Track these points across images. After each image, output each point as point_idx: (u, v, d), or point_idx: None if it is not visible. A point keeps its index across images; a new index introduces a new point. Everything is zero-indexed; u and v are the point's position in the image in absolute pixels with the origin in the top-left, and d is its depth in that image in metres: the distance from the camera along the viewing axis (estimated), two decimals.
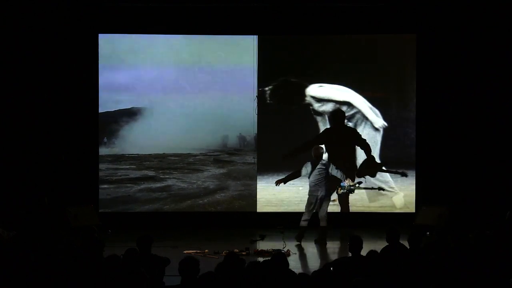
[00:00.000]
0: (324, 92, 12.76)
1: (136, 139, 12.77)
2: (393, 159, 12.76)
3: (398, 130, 12.83)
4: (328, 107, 12.79)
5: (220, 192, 12.78)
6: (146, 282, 5.48)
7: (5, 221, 10.28)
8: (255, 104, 12.68)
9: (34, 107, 12.27)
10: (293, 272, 6.30)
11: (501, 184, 12.01)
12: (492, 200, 11.80)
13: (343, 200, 12.58)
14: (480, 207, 11.85)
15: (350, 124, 12.79)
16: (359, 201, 12.72)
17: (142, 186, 12.78)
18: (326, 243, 11.06)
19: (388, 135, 12.77)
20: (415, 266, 6.46)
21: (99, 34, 12.56)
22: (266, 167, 12.74)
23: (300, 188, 12.50)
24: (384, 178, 12.73)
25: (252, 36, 12.71)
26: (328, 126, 12.79)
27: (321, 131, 12.79)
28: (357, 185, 11.45)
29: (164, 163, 12.83)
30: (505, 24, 12.18)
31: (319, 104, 12.78)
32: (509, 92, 12.30)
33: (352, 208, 12.72)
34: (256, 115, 12.67)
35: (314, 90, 12.76)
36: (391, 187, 12.72)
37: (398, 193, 12.72)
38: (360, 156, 12.76)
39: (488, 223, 9.96)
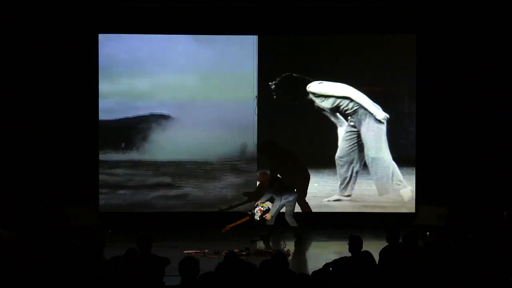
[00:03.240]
0: (323, 88, 12.77)
1: (153, 145, 12.68)
2: (393, 158, 12.77)
3: (398, 130, 12.84)
4: (329, 102, 12.79)
5: (238, 201, 12.68)
6: (146, 282, 5.48)
7: (5, 221, 10.28)
8: (255, 104, 12.68)
9: (34, 108, 12.28)
10: (293, 272, 6.30)
11: (501, 184, 12.02)
12: (492, 200, 11.80)
13: (303, 200, 12.66)
14: (480, 207, 11.85)
15: (354, 121, 12.79)
16: (372, 196, 12.74)
17: (159, 193, 12.73)
18: (301, 242, 11.08)
19: (388, 135, 12.78)
20: (415, 266, 6.46)
21: (99, 34, 12.55)
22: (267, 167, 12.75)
23: (315, 184, 12.68)
24: (393, 171, 12.73)
25: (252, 36, 12.71)
26: (342, 118, 12.79)
27: (337, 124, 12.79)
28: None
29: (181, 170, 12.73)
30: (505, 24, 12.18)
31: (320, 100, 12.78)
32: (509, 92, 12.30)
33: (360, 205, 12.75)
34: (256, 115, 12.66)
35: (313, 86, 12.78)
36: (399, 181, 12.74)
37: (406, 186, 12.75)
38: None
39: (488, 223, 9.96)
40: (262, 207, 11.06)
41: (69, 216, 11.49)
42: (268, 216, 11.05)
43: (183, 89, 12.73)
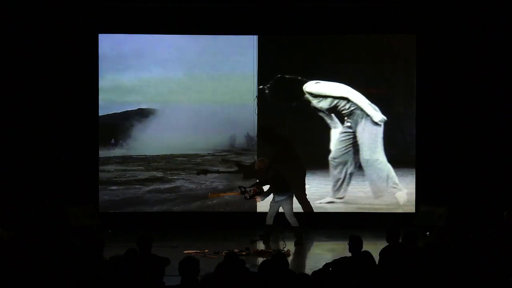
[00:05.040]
0: (321, 88, 12.76)
1: (144, 140, 12.75)
2: (393, 158, 12.77)
3: (398, 130, 12.84)
4: (326, 103, 12.78)
5: (229, 192, 12.75)
6: (146, 282, 5.48)
7: (5, 221, 10.28)
8: (255, 104, 12.68)
9: (33, 107, 12.28)
10: (293, 272, 6.30)
11: (501, 184, 12.01)
12: (492, 200, 11.79)
13: (304, 200, 12.69)
14: (480, 207, 11.85)
15: (351, 121, 12.78)
16: (366, 198, 12.74)
17: (151, 187, 12.78)
18: (301, 242, 11.06)
19: (388, 135, 12.78)
20: (415, 266, 6.46)
21: (99, 34, 12.57)
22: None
23: (307, 186, 12.71)
24: (388, 173, 12.73)
25: (252, 36, 12.72)
26: (337, 120, 12.78)
27: (331, 126, 12.79)
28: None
29: (172, 164, 12.81)
30: (504, 24, 12.18)
31: (317, 100, 12.78)
32: (509, 92, 12.30)
33: (359, 206, 12.75)
34: (256, 115, 12.66)
35: (310, 86, 12.77)
36: (394, 184, 12.73)
37: (401, 189, 12.73)
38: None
39: (488, 223, 9.96)
40: (257, 188, 11.17)
41: (69, 216, 11.49)
42: (258, 198, 11.20)
43: (183, 89, 12.76)
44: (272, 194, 11.18)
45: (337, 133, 12.80)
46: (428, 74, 12.56)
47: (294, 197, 11.38)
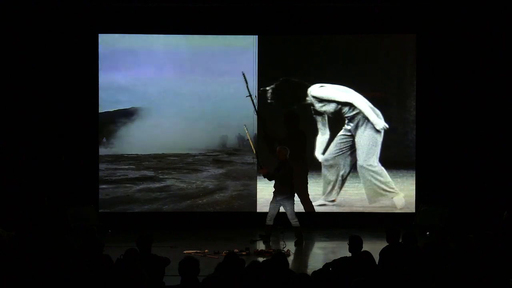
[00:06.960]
0: (326, 92, 12.76)
1: (135, 139, 12.77)
2: (393, 159, 12.76)
3: (398, 130, 12.84)
4: (330, 107, 12.79)
5: (219, 192, 12.79)
6: (146, 282, 5.48)
7: (5, 221, 10.29)
8: (254, 104, 12.66)
9: (34, 107, 12.28)
10: (293, 272, 6.30)
11: (501, 184, 12.01)
12: (492, 200, 11.79)
13: (306, 200, 12.68)
14: (480, 207, 11.85)
15: (351, 125, 12.78)
16: (359, 201, 12.73)
17: (141, 186, 12.80)
18: (301, 242, 11.05)
19: (388, 135, 12.77)
20: (415, 266, 6.46)
21: (99, 34, 12.57)
22: (266, 167, 12.74)
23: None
24: (384, 178, 12.73)
25: (252, 36, 12.72)
26: (328, 126, 12.79)
27: (320, 131, 12.78)
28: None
29: (163, 163, 12.85)
30: (505, 24, 12.18)
31: (321, 104, 12.78)
32: (509, 92, 12.30)
33: (352, 209, 12.74)
34: (256, 115, 12.66)
35: (316, 90, 12.76)
36: (391, 188, 12.72)
37: (398, 193, 12.71)
38: None
39: (488, 223, 9.97)
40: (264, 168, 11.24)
41: (69, 216, 11.49)
42: (263, 170, 11.21)
43: (183, 89, 12.76)
44: (274, 189, 11.17)
45: (324, 139, 12.77)
46: (428, 74, 12.56)
47: (295, 197, 11.36)
